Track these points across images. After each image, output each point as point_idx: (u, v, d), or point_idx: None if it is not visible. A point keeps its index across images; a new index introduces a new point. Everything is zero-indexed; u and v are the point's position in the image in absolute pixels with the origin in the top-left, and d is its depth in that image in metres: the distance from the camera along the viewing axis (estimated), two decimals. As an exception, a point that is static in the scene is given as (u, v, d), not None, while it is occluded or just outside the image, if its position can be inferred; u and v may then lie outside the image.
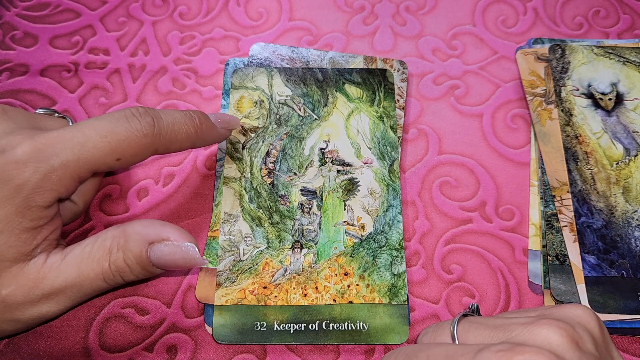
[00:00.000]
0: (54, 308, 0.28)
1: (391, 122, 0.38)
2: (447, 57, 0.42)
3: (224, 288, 0.32)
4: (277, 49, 0.41)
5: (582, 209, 0.34)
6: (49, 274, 0.28)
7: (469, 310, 0.29)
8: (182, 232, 0.29)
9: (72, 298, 0.28)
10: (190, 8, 0.44)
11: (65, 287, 0.28)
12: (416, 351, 0.25)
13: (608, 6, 0.44)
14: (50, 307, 0.28)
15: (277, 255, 0.33)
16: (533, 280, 0.33)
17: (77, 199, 0.33)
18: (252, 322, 0.31)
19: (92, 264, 0.28)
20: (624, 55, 0.40)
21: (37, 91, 0.40)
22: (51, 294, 0.28)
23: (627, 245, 0.33)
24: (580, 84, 0.39)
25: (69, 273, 0.28)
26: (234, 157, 0.36)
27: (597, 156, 0.36)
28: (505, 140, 0.39)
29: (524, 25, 0.43)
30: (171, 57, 0.42)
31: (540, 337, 0.24)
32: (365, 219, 0.35)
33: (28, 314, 0.28)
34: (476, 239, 0.35)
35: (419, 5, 0.44)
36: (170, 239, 0.29)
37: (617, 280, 0.32)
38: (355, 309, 0.32)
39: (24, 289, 0.27)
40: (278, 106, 0.38)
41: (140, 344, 0.32)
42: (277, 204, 0.35)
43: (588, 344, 0.24)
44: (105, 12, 0.44)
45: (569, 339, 0.23)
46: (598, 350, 0.24)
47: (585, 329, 0.25)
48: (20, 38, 0.42)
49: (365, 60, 0.40)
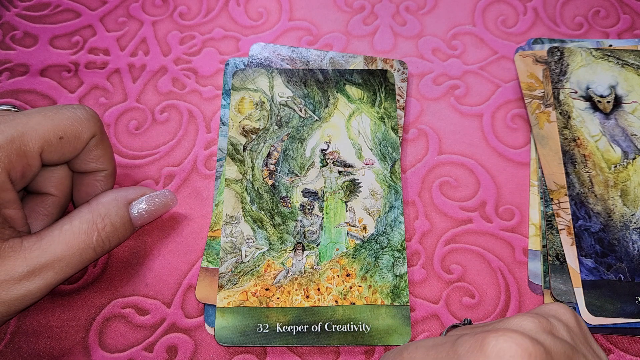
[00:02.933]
0: (40, 283, 0.29)
1: (392, 123, 0.38)
2: (447, 57, 0.42)
3: (226, 290, 0.33)
4: (277, 49, 0.41)
5: (579, 212, 0.34)
6: (30, 252, 0.29)
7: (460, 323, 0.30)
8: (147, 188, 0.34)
9: (59, 271, 0.29)
10: (190, 8, 0.44)
11: (52, 261, 0.29)
12: (407, 344, 0.27)
13: (608, 6, 0.44)
14: (36, 283, 0.29)
15: (279, 257, 0.34)
16: (533, 280, 0.34)
17: (53, 189, 0.33)
18: (254, 324, 0.32)
19: (80, 236, 0.30)
20: (623, 57, 0.40)
21: (37, 91, 0.40)
22: (36, 270, 0.29)
23: (624, 248, 0.33)
24: (578, 86, 0.39)
25: (55, 248, 0.29)
26: (235, 159, 0.36)
27: (595, 159, 0.36)
28: (505, 140, 0.39)
29: (524, 25, 0.43)
30: (171, 57, 0.42)
31: (513, 324, 0.25)
32: (367, 220, 0.35)
33: (12, 293, 0.28)
34: (476, 239, 0.36)
35: (419, 5, 0.44)
36: (147, 192, 0.33)
37: (614, 284, 0.32)
38: (358, 310, 0.32)
39: (5, 267, 0.28)
40: (279, 107, 0.38)
41: (140, 344, 0.32)
42: (278, 206, 0.35)
43: (562, 332, 0.25)
44: (105, 12, 0.44)
45: (542, 326, 0.24)
46: (573, 339, 0.25)
47: (559, 320, 0.26)
48: (20, 38, 0.42)
49: (366, 60, 0.40)
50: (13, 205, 0.29)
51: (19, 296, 0.29)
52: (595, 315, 0.31)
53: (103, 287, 0.34)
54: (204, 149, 0.38)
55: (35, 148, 0.29)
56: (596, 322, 0.31)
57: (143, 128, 0.39)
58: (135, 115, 0.40)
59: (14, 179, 0.29)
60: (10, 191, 0.29)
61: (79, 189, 0.34)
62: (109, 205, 0.32)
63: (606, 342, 0.32)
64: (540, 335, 0.24)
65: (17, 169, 0.29)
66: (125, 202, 0.32)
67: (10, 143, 0.28)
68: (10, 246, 0.28)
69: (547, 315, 0.26)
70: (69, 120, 0.30)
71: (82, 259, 0.30)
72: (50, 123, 0.30)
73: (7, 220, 0.29)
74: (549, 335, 0.24)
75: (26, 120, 0.29)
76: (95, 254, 0.31)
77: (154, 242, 0.35)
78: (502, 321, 0.26)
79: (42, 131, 0.29)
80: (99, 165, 0.33)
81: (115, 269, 0.34)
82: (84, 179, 0.33)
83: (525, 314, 0.25)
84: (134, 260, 0.35)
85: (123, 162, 0.38)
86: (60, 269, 0.29)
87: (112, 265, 0.34)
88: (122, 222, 0.32)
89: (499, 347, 0.22)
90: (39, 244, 0.29)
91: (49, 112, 0.30)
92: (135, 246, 0.35)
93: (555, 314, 0.26)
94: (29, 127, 0.29)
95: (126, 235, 0.33)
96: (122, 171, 0.38)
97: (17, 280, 0.28)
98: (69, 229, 0.30)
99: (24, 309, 0.30)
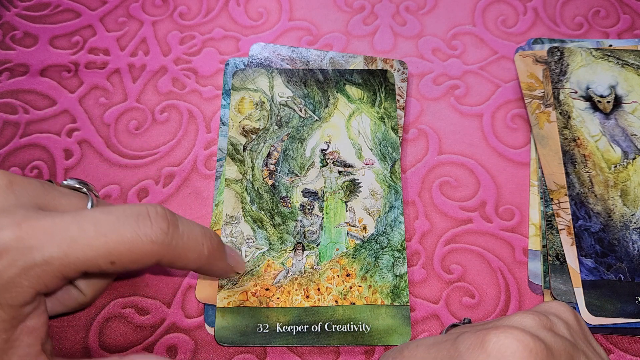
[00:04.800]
0: None
1: (392, 123, 0.38)
2: (447, 57, 0.42)
3: (226, 290, 0.33)
4: (277, 49, 0.41)
5: (579, 212, 0.34)
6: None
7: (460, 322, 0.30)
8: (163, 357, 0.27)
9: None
10: (190, 8, 0.44)
11: None
12: (407, 343, 0.27)
13: (608, 6, 0.44)
14: None
15: (279, 257, 0.34)
16: (533, 280, 0.34)
17: (85, 289, 0.29)
18: (254, 324, 0.32)
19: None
20: (623, 57, 0.40)
21: (37, 91, 0.40)
22: None
23: (624, 248, 0.33)
24: (578, 86, 0.39)
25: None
26: (235, 159, 0.36)
27: (595, 159, 0.36)
28: (505, 140, 0.39)
29: (524, 25, 0.43)
30: (171, 57, 0.42)
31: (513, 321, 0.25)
32: (367, 220, 0.35)
33: None
34: (476, 239, 0.36)
35: (419, 5, 0.44)
36: None
37: (614, 284, 0.32)
38: (358, 310, 0.32)
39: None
40: (279, 107, 0.38)
41: (140, 344, 0.32)
42: (278, 206, 0.35)
43: (562, 329, 0.25)
44: (105, 12, 0.44)
45: (542, 323, 0.24)
46: (573, 337, 0.25)
47: (559, 318, 0.26)
48: (20, 38, 0.42)
49: (366, 60, 0.40)
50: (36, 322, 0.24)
51: None
52: (595, 315, 0.31)
53: (103, 287, 0.34)
54: (204, 149, 0.38)
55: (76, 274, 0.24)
56: (596, 322, 0.31)
57: (143, 128, 0.39)
58: (135, 115, 0.40)
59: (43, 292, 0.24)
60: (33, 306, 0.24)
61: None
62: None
63: (606, 342, 0.32)
64: (541, 332, 0.24)
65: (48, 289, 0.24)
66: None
67: (46, 264, 0.23)
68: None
69: (547, 312, 0.26)
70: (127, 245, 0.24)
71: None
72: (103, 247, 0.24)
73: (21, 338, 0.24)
74: (549, 332, 0.24)
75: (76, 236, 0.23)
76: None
77: (154, 242, 0.35)
78: (503, 319, 0.26)
79: (91, 256, 0.23)
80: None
81: (115, 269, 0.34)
82: None
83: (525, 312, 0.25)
84: (134, 260, 0.35)
85: (123, 162, 0.38)
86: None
87: (112, 265, 0.34)
88: None
89: (500, 343, 0.22)
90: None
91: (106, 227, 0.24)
92: (135, 246, 0.35)
93: (555, 311, 0.27)
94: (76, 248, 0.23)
95: None
96: (122, 171, 0.38)
97: None
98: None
99: None
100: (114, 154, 0.38)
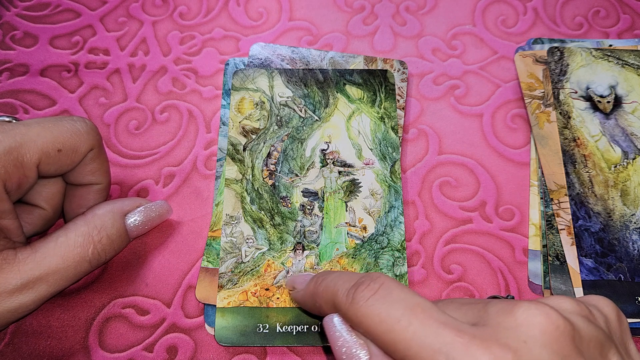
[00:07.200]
0: (33, 296, 0.29)
1: (392, 123, 0.38)
2: (447, 57, 0.42)
3: (226, 290, 0.33)
4: (277, 49, 0.41)
5: (579, 212, 0.34)
6: (24, 265, 0.28)
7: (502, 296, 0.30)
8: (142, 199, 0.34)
9: (53, 284, 0.29)
10: (190, 8, 0.44)
11: (47, 274, 0.29)
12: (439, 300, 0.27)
13: (608, 6, 0.44)
14: (29, 296, 0.29)
15: (279, 257, 0.34)
16: (533, 280, 0.34)
17: (43, 203, 0.33)
18: (254, 324, 0.32)
19: (76, 249, 0.30)
20: (623, 57, 0.40)
21: (37, 91, 0.40)
22: (30, 283, 0.28)
23: (624, 248, 0.33)
24: (578, 86, 0.39)
25: (49, 261, 0.29)
26: (235, 159, 0.36)
27: (595, 159, 0.36)
28: (505, 140, 0.39)
29: (524, 25, 0.43)
30: (171, 57, 0.42)
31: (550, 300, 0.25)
32: (367, 220, 0.35)
33: (4, 306, 0.28)
34: (476, 239, 0.36)
35: (419, 5, 0.44)
36: (142, 203, 0.34)
37: (614, 284, 0.32)
38: (357, 310, 0.32)
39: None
40: (279, 107, 0.38)
41: (140, 344, 0.32)
42: (278, 206, 0.35)
43: (600, 321, 0.25)
44: (105, 12, 0.44)
45: (578, 309, 0.24)
46: (610, 331, 0.25)
47: (599, 311, 0.25)
48: (20, 38, 0.42)
49: (366, 60, 0.40)
50: (8, 215, 0.29)
51: (11, 309, 0.29)
52: (596, 315, 0.31)
53: (103, 287, 0.34)
54: (204, 149, 0.38)
55: (32, 160, 0.29)
56: (596, 322, 0.31)
57: (143, 128, 0.39)
58: (135, 115, 0.40)
59: (10, 190, 0.29)
60: (5, 202, 0.29)
61: (71, 200, 0.33)
62: (105, 218, 0.32)
63: (606, 342, 0.32)
64: (574, 317, 0.24)
65: (13, 180, 0.29)
66: (121, 213, 0.32)
67: (7, 153, 0.28)
68: (4, 258, 0.28)
69: (588, 303, 0.26)
70: (68, 133, 0.30)
71: (76, 272, 0.30)
72: (49, 135, 0.29)
73: (3, 231, 0.29)
74: (583, 319, 0.24)
75: (25, 131, 0.29)
76: (91, 267, 0.31)
77: (154, 242, 0.35)
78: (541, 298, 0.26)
79: (41, 143, 0.29)
80: (94, 179, 0.33)
81: (115, 269, 0.34)
82: (77, 190, 0.33)
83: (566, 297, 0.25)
84: (134, 260, 0.35)
85: (123, 162, 0.38)
86: (54, 281, 0.29)
87: (112, 265, 0.34)
88: (118, 234, 0.32)
89: (528, 312, 0.23)
90: (33, 257, 0.29)
91: (48, 124, 0.30)
92: (135, 246, 0.35)
93: (597, 304, 0.26)
94: (28, 138, 0.29)
95: (122, 246, 0.33)
96: (122, 171, 0.38)
97: (10, 293, 0.28)
98: (64, 241, 0.30)
99: (15, 320, 0.30)
100: (114, 154, 0.38)
